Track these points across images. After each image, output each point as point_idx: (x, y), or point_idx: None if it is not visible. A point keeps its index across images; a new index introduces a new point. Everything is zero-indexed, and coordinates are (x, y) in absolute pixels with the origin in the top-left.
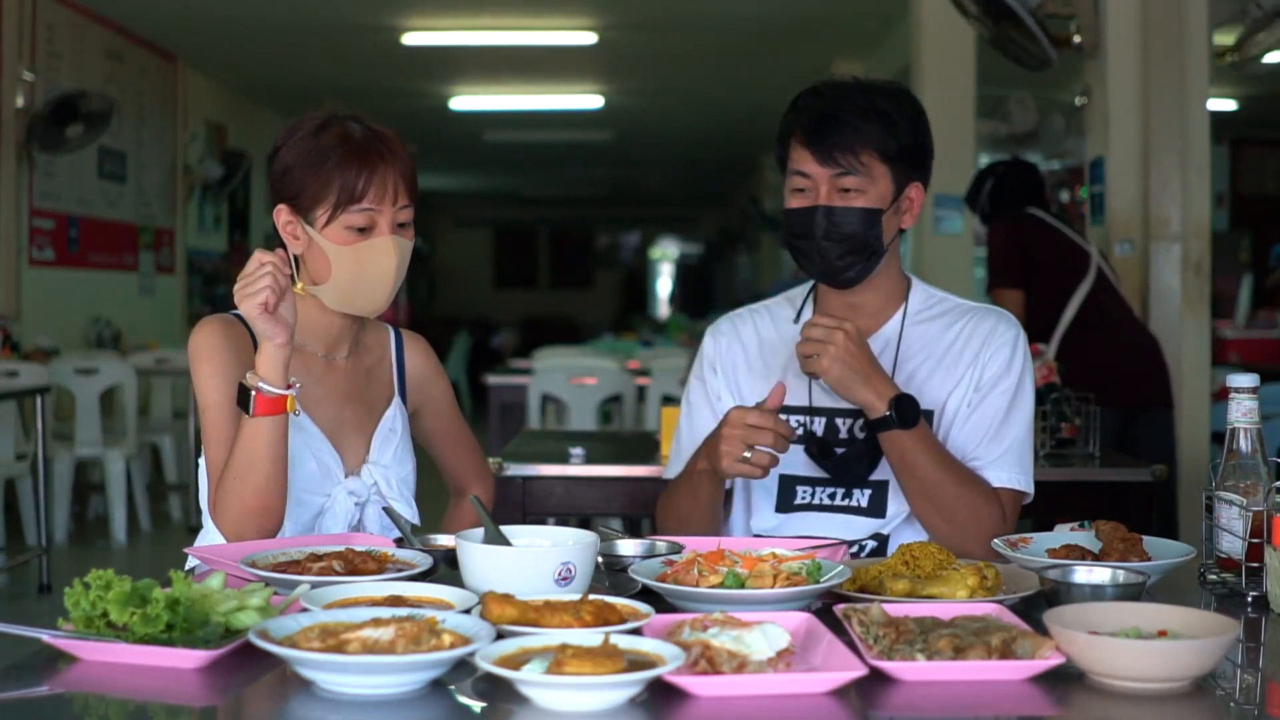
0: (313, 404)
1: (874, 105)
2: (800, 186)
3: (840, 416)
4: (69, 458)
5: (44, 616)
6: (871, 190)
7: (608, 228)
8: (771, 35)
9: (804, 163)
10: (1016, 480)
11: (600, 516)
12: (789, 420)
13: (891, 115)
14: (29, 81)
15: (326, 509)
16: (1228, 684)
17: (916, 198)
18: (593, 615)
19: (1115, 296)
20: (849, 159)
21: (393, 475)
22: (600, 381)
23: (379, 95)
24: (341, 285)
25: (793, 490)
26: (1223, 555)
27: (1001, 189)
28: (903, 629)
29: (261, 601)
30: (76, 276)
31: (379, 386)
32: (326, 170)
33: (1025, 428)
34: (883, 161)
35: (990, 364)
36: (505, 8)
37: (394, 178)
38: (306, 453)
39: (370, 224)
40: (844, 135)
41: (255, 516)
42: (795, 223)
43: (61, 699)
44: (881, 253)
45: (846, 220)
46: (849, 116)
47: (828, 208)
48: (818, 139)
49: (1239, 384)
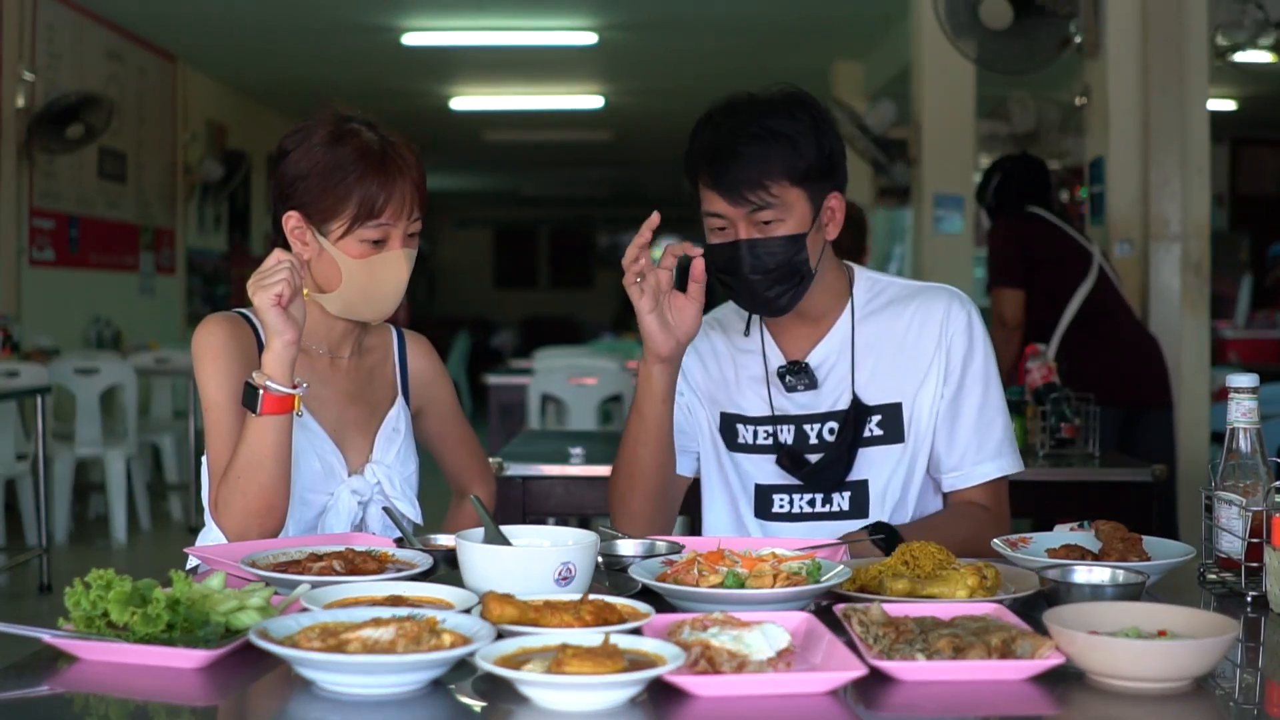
0: (316, 404)
1: (770, 129)
2: (718, 226)
3: (809, 423)
4: (69, 457)
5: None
6: (790, 217)
7: (608, 228)
8: (771, 35)
9: (714, 204)
10: (1011, 465)
11: (600, 516)
12: (756, 431)
13: (791, 135)
14: (29, 81)
15: (330, 507)
16: (1227, 684)
17: (837, 206)
18: (593, 615)
19: (1116, 297)
20: (759, 194)
21: (396, 475)
22: (600, 381)
23: (379, 95)
24: (351, 296)
25: (769, 499)
26: (1222, 555)
27: (1008, 184)
28: (902, 629)
29: (262, 601)
30: (77, 276)
31: (382, 387)
32: (345, 185)
33: (1004, 408)
34: (794, 185)
35: (954, 349)
36: (505, 8)
37: (410, 191)
38: (310, 451)
39: (385, 237)
40: (747, 170)
41: (259, 516)
42: (719, 258)
43: (62, 699)
44: (810, 275)
45: (770, 252)
46: (748, 148)
47: (749, 242)
48: (722, 179)
49: (1239, 384)
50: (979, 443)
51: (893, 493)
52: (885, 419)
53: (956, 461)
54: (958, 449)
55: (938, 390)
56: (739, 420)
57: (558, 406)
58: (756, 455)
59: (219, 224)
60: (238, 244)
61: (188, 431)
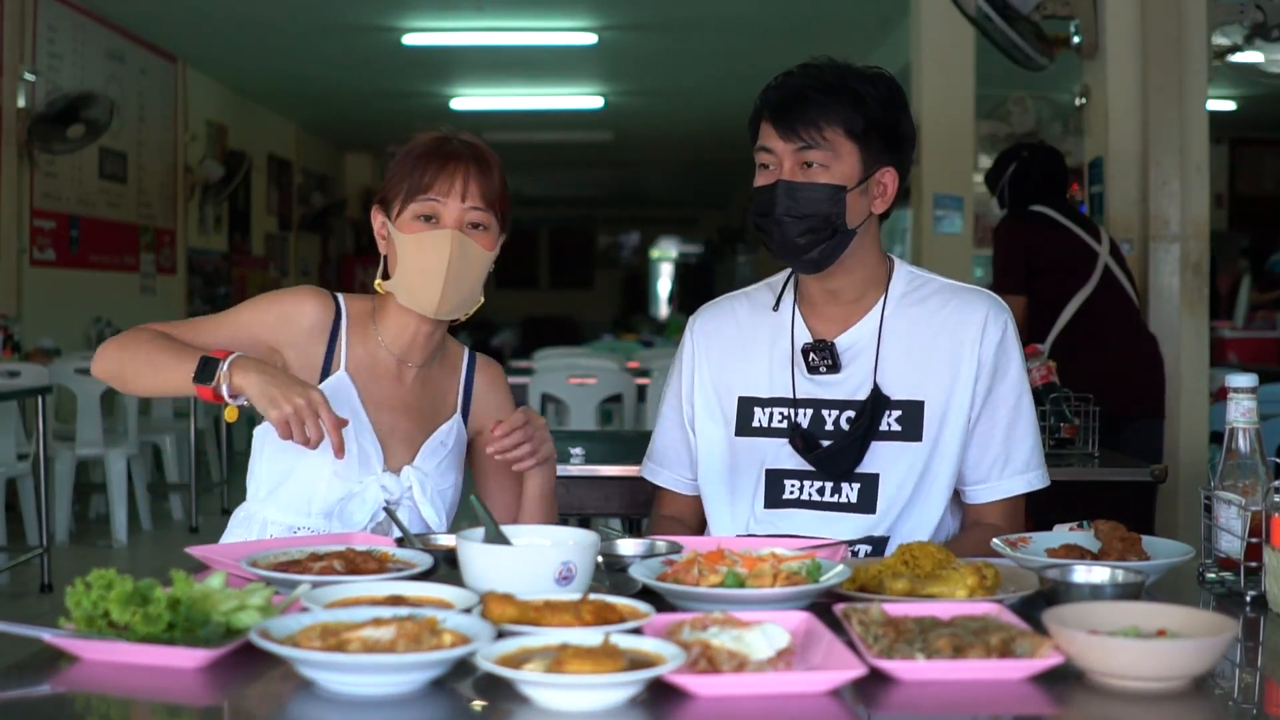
0: (372, 406)
1: (844, 84)
2: (765, 163)
3: (826, 408)
4: (70, 457)
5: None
6: (835, 166)
7: (608, 228)
8: (771, 35)
9: (768, 138)
10: (1039, 480)
11: (600, 516)
12: (773, 414)
13: (861, 93)
14: (30, 81)
15: (356, 495)
16: (1226, 683)
17: (890, 183)
18: (593, 615)
19: (1118, 302)
20: (811, 133)
21: (430, 484)
22: (600, 381)
23: (379, 95)
24: (403, 276)
25: (780, 484)
26: (1221, 555)
27: (1025, 175)
28: (902, 628)
29: (262, 601)
30: (77, 276)
31: (443, 405)
32: (407, 165)
33: (1034, 422)
34: (849, 138)
35: (988, 357)
36: (505, 8)
37: (465, 175)
38: (353, 437)
39: (434, 214)
40: (808, 110)
41: (113, 376)
42: (758, 201)
43: (63, 698)
44: (846, 233)
45: (806, 196)
46: (815, 93)
47: (788, 183)
48: (782, 115)
49: (1238, 384)
50: (1007, 457)
51: (904, 492)
52: (905, 415)
53: (984, 474)
54: (986, 462)
55: (966, 396)
56: (756, 403)
57: (558, 406)
58: (770, 439)
59: (219, 224)
60: (238, 244)
61: (188, 431)
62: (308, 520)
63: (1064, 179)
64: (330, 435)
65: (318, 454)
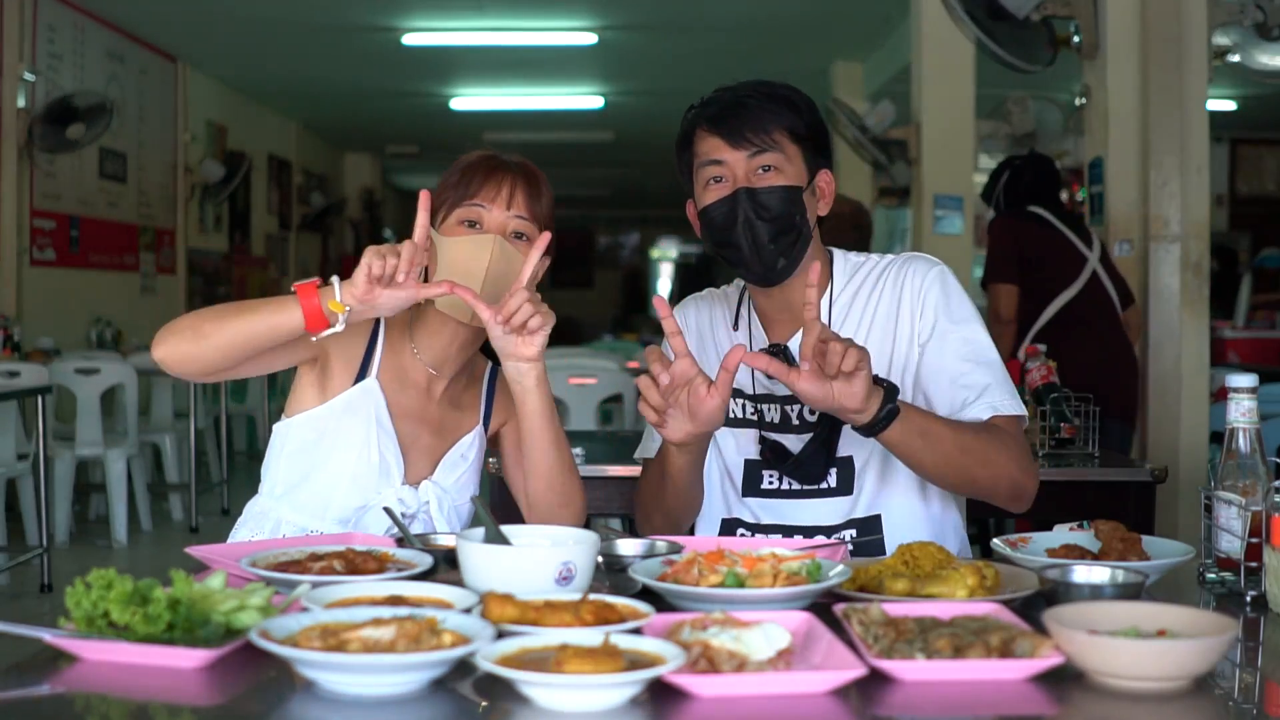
0: (399, 414)
1: (775, 92)
2: (716, 176)
3: (790, 404)
4: (70, 457)
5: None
6: (788, 168)
7: (608, 228)
8: (771, 35)
9: (717, 150)
10: (1011, 405)
11: (600, 516)
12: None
13: (793, 99)
14: (30, 82)
15: (372, 507)
16: (1226, 683)
17: (827, 185)
18: (593, 615)
19: (1101, 305)
20: (762, 137)
21: (448, 500)
22: (600, 381)
23: (379, 95)
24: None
25: (758, 475)
26: (1222, 555)
27: (1017, 182)
28: (902, 628)
29: (262, 601)
30: (77, 276)
31: (466, 418)
32: (455, 175)
33: (991, 351)
34: (794, 141)
35: (927, 305)
36: (505, 8)
37: (512, 185)
38: (375, 446)
39: (478, 219)
40: (752, 116)
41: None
42: (717, 215)
43: (63, 698)
44: (808, 237)
45: (769, 199)
46: (754, 100)
47: (749, 189)
48: (726, 124)
49: (1238, 384)
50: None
51: (875, 467)
52: None
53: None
54: (946, 399)
55: (904, 349)
56: (732, 395)
57: (558, 407)
58: (742, 429)
59: (219, 224)
60: (238, 244)
61: (188, 432)
62: (322, 524)
63: (1056, 183)
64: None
65: (338, 459)
